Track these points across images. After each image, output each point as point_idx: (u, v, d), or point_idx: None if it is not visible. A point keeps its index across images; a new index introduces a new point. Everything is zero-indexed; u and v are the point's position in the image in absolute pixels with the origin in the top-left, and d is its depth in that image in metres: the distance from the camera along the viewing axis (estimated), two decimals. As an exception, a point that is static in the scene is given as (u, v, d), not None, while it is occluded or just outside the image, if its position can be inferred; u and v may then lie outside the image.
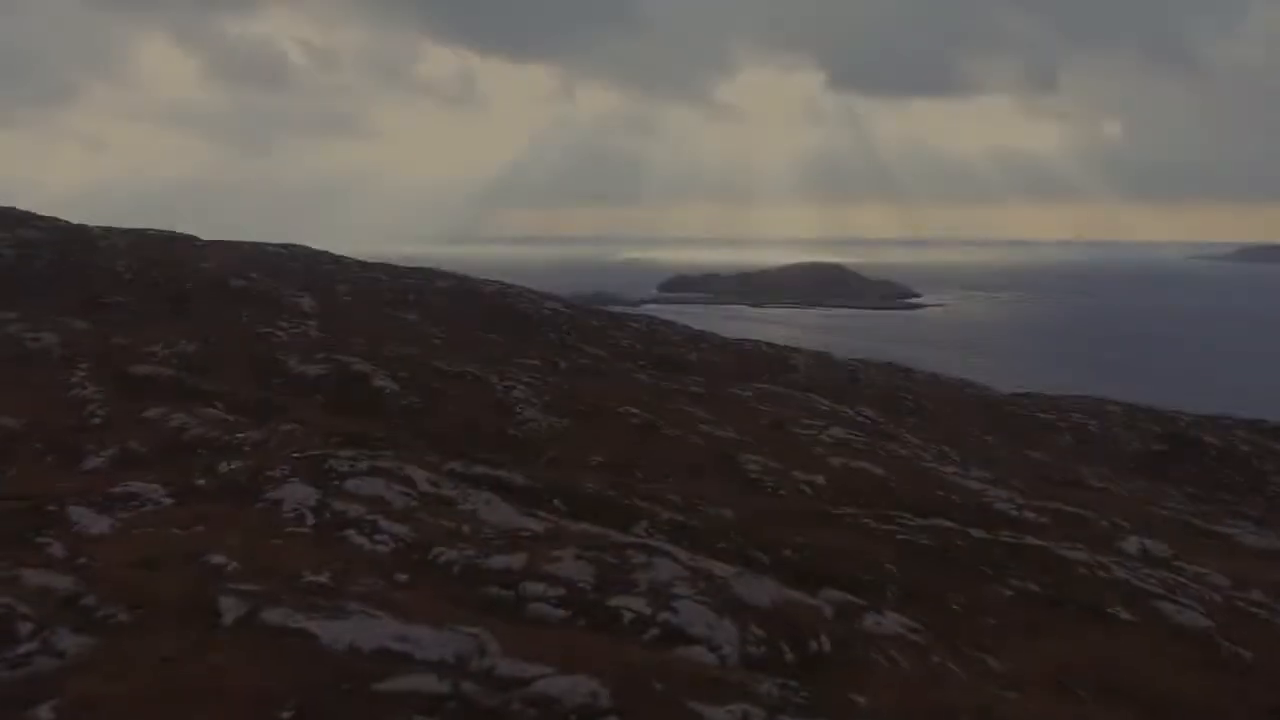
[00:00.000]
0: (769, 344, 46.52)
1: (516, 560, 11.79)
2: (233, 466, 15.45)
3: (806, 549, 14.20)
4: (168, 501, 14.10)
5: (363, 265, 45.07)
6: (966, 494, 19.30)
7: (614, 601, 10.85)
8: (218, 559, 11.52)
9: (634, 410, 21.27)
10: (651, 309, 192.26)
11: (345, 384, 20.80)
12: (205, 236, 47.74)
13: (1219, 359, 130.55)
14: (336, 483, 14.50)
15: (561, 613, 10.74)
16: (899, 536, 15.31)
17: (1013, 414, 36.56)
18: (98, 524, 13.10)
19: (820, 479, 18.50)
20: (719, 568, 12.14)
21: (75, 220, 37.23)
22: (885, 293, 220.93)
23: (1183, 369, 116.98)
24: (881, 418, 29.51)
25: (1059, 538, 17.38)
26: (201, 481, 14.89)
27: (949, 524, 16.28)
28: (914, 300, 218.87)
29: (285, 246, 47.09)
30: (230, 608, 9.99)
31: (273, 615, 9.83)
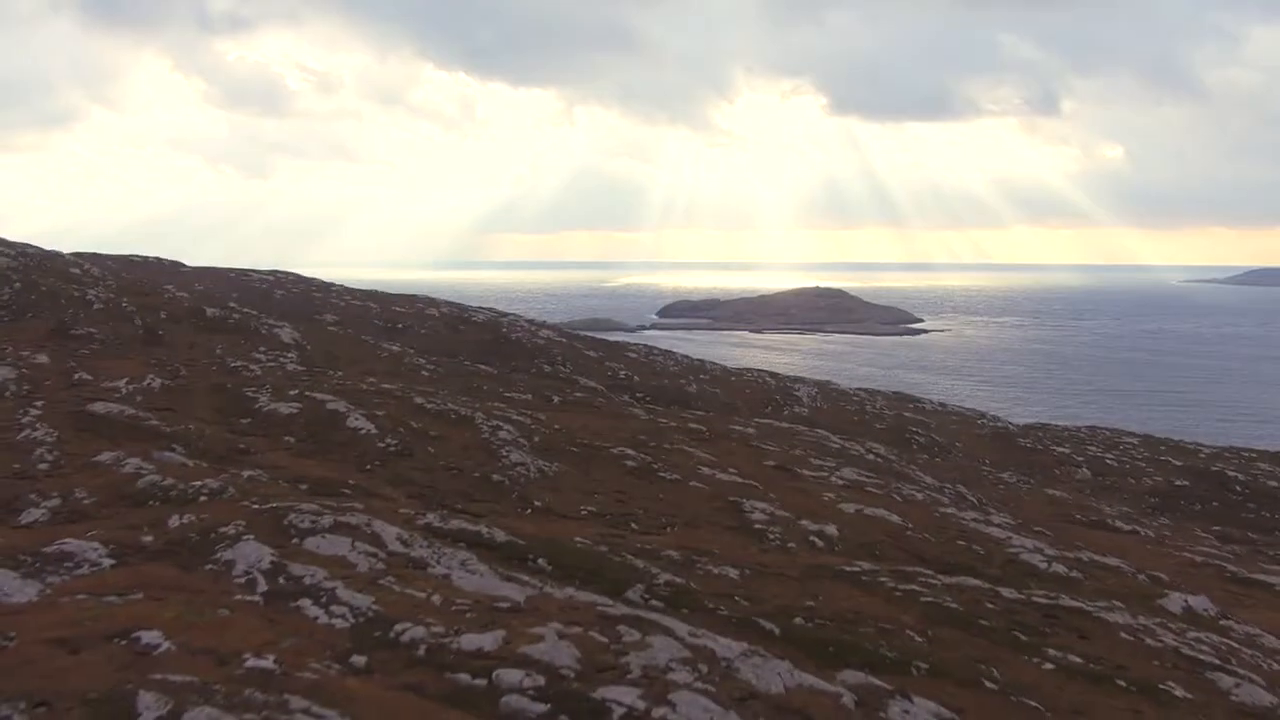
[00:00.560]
0: (772, 374, 45.10)
1: (491, 639, 10.25)
2: (184, 520, 13.94)
3: (821, 616, 12.66)
4: (107, 563, 12.60)
5: (352, 293, 43.71)
6: (990, 544, 17.77)
7: (601, 693, 9.32)
8: (151, 636, 10.02)
9: (629, 451, 19.77)
10: (651, 334, 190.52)
11: (318, 424, 19.30)
12: (205, 262, 46.51)
13: (1227, 384, 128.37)
14: (296, 541, 13.02)
15: (540, 707, 9.20)
16: (923, 599, 13.77)
17: (1028, 448, 35.05)
18: (23, 591, 11.62)
19: (832, 528, 16.98)
20: (723, 645, 10.61)
21: (69, 248, 35.89)
22: (887, 318, 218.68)
23: (1193, 395, 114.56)
24: (893, 454, 28.02)
25: (1094, 594, 15.85)
26: (148, 538, 13.40)
27: (976, 582, 14.75)
28: (916, 325, 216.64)
29: (273, 273, 45.79)
30: (149, 706, 8.47)
31: (197, 718, 8.33)
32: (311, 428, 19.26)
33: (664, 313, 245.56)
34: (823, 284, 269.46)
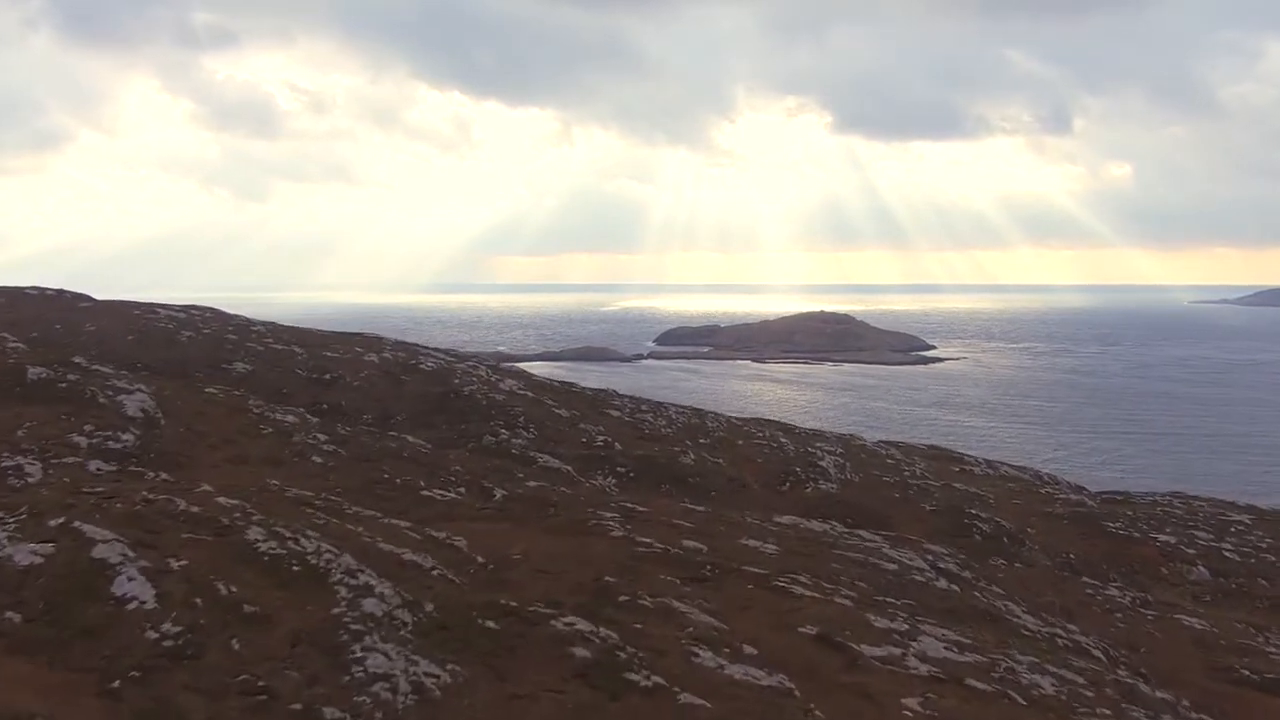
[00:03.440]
0: (785, 428, 37.53)
1: None
2: None
3: None
4: None
5: (278, 333, 36.16)
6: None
7: None
8: None
9: (582, 626, 12.16)
10: (648, 364, 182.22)
11: (68, 586, 11.69)
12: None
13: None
14: None
15: None
16: None
17: (1120, 535, 27.38)
18: None
19: (936, 808, 9.35)
20: None
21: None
22: (897, 344, 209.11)
23: (1260, 439, 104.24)
24: (963, 565, 20.42)
25: None
26: None
27: None
28: (929, 353, 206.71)
29: (186, 310, 38.28)
30: None
31: None
32: (55, 594, 11.64)
33: (662, 339, 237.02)
34: (827, 307, 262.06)
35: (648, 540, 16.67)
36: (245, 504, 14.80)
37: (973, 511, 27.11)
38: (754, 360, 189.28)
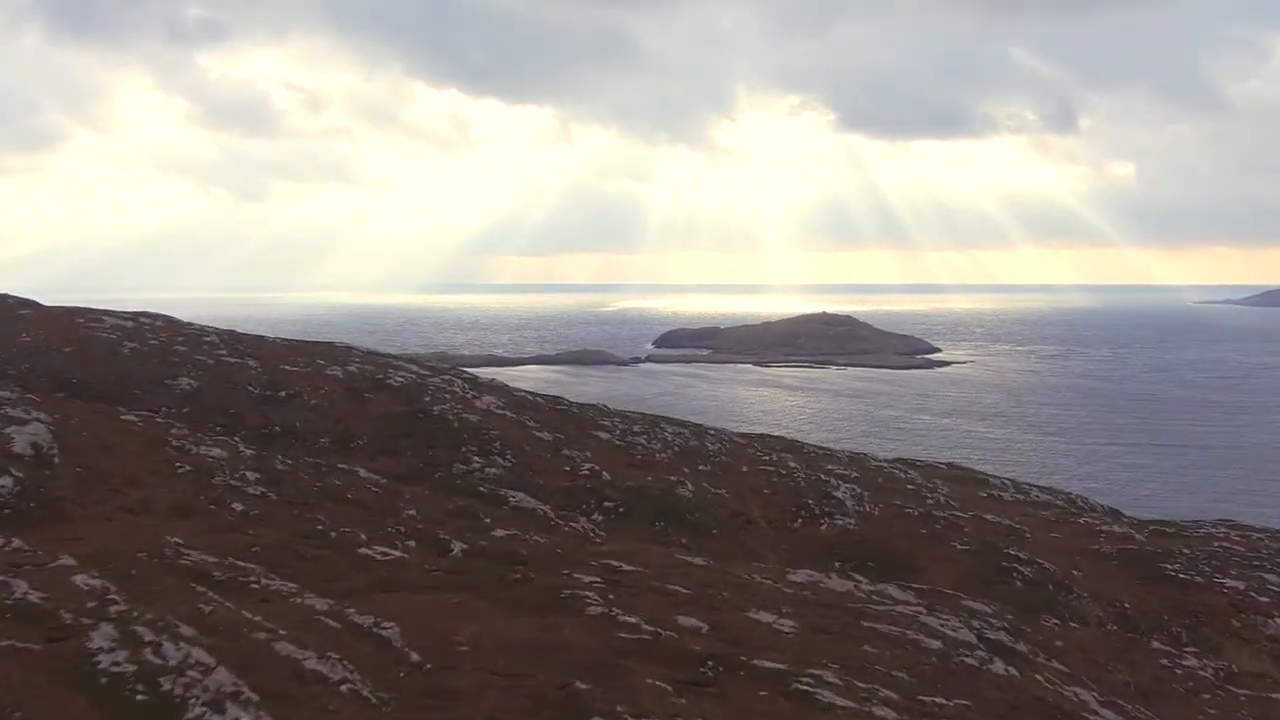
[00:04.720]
0: (794, 447, 34.21)
1: None
2: None
3: None
4: None
5: (235, 343, 32.79)
6: None
7: None
8: None
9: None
10: (646, 367, 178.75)
11: None
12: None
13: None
14: None
15: None
16: None
17: (1179, 578, 24.03)
18: None
19: None
20: None
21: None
22: (902, 347, 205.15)
23: None
24: (1013, 635, 17.06)
25: None
26: None
27: None
28: (935, 356, 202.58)
29: (135, 316, 34.91)
30: None
31: None
32: None
33: (661, 341, 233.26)
34: (829, 308, 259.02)
35: (633, 620, 13.31)
36: (111, 585, 11.45)
37: (1010, 551, 23.74)
38: (756, 363, 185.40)
